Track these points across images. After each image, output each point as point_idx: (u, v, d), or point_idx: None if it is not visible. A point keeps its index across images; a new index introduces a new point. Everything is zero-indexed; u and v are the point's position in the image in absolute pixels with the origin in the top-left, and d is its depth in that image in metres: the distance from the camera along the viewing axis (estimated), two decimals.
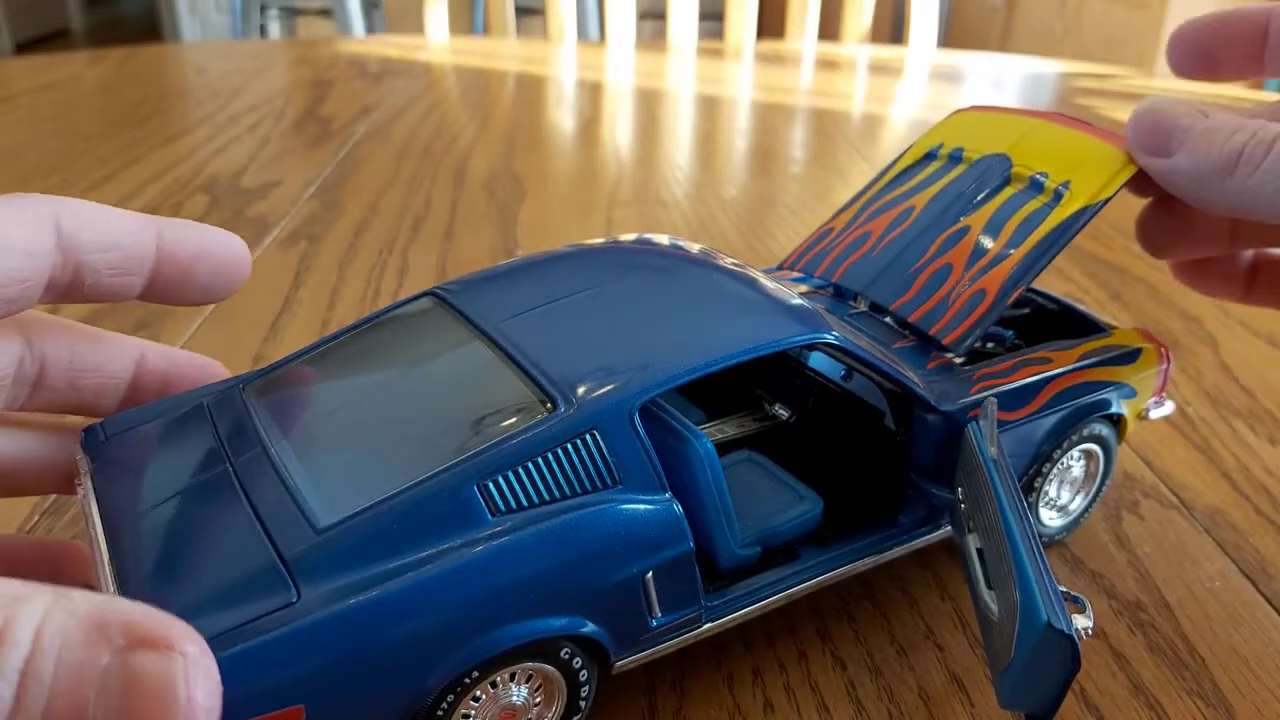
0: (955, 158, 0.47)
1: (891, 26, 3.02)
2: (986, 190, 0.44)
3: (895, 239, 0.45)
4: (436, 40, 1.71)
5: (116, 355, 0.38)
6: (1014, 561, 0.32)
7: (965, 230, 0.43)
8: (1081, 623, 0.30)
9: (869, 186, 0.50)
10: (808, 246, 0.49)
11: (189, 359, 0.40)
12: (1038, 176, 0.42)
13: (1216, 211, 0.35)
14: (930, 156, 0.48)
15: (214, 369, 0.40)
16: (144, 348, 0.39)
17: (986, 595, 0.35)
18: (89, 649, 0.22)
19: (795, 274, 0.49)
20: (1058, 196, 0.41)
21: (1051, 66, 1.61)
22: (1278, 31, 0.40)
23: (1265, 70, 0.41)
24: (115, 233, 0.34)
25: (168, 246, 0.35)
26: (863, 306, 0.45)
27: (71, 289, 0.34)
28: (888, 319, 0.44)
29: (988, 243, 0.42)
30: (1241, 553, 0.46)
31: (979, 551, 0.36)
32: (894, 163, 0.50)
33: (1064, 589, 0.31)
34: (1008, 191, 0.43)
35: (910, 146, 0.50)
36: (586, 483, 0.32)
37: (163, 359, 0.39)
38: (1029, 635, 0.30)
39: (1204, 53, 0.42)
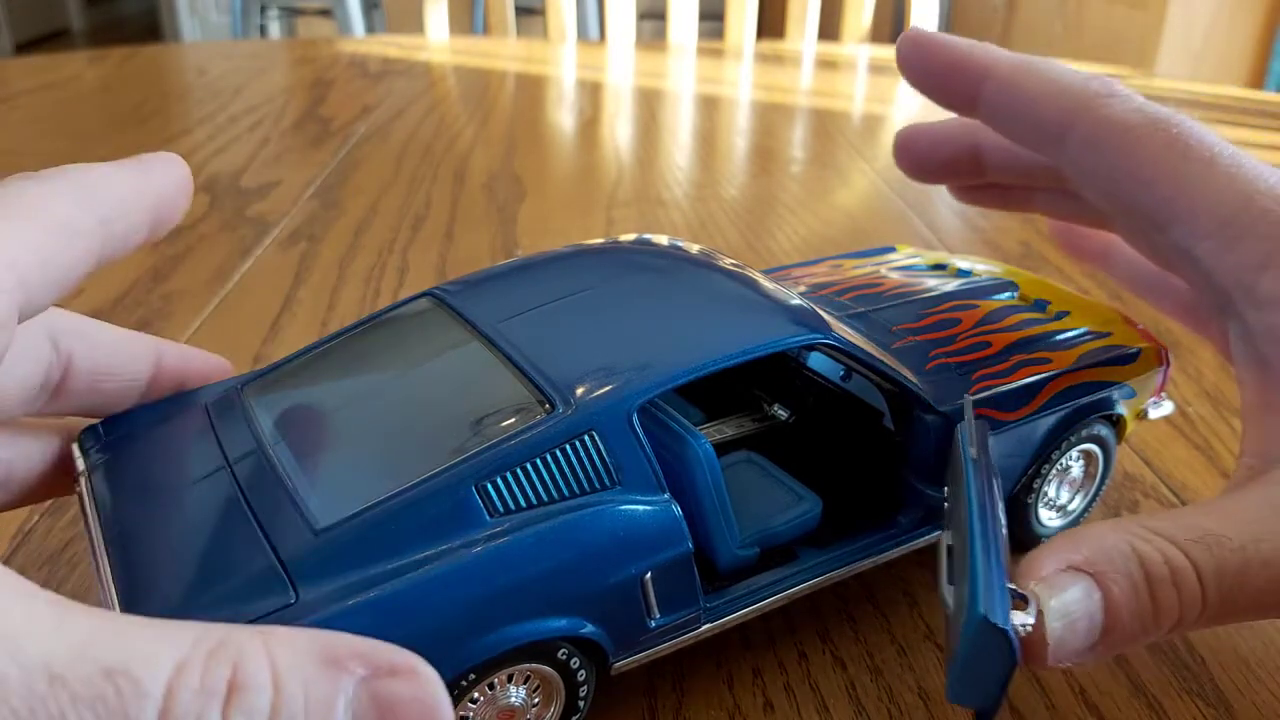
0: (964, 272, 0.51)
1: (891, 26, 3.02)
2: (991, 294, 0.48)
3: (872, 296, 0.47)
4: (436, 40, 1.71)
5: (136, 355, 0.38)
6: (968, 555, 0.31)
7: (969, 307, 0.47)
8: (1020, 619, 0.30)
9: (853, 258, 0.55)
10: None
11: (203, 358, 0.39)
12: (1040, 301, 0.48)
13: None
14: (940, 266, 0.52)
15: (225, 367, 0.40)
16: (160, 347, 0.38)
17: (946, 590, 0.35)
18: (330, 682, 0.21)
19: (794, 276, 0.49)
20: (1059, 317, 0.46)
21: None
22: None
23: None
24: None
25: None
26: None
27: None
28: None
29: (995, 318, 0.46)
30: None
31: (949, 548, 0.36)
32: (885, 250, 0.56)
33: (1012, 586, 0.31)
34: (1013, 302, 0.48)
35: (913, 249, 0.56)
36: (585, 484, 0.32)
37: (178, 358, 0.39)
38: (969, 628, 0.30)
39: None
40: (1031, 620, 0.30)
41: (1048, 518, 0.45)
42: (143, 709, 0.19)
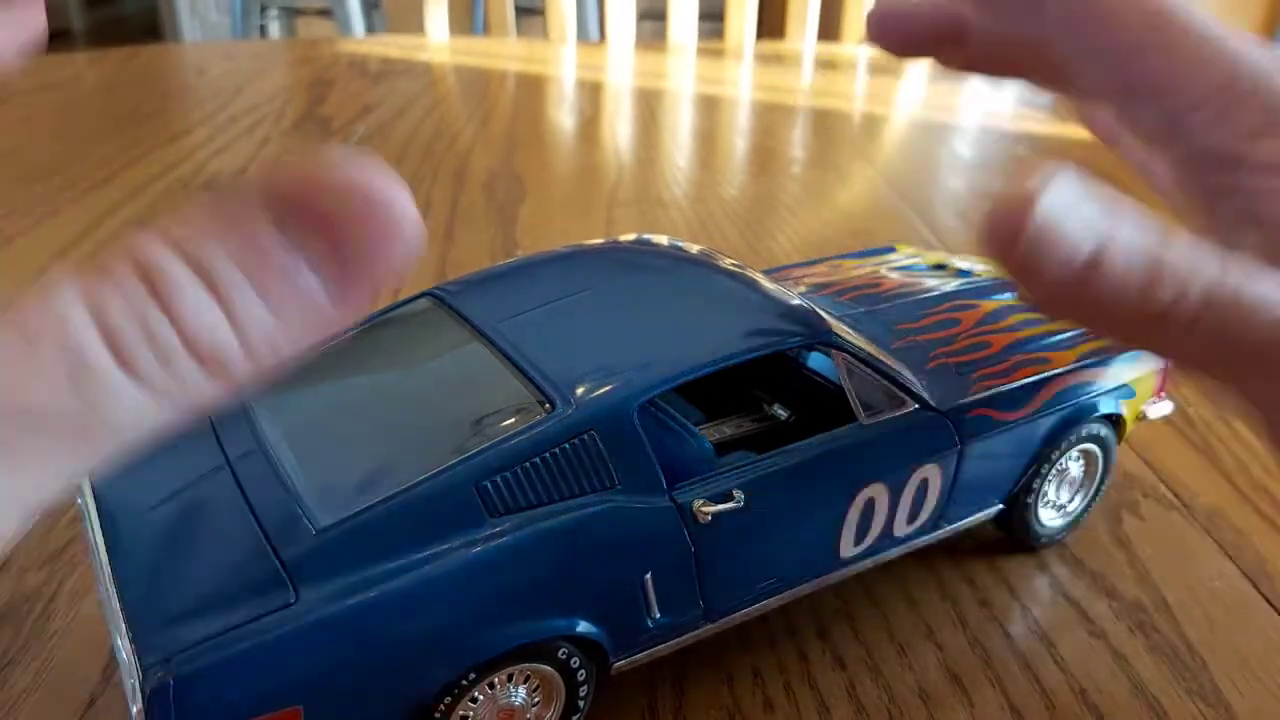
0: (964, 272, 0.51)
1: None
2: (991, 294, 0.48)
3: (871, 296, 0.47)
4: (437, 40, 1.71)
5: None
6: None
7: (969, 307, 0.46)
8: (699, 504, 0.33)
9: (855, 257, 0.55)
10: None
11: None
12: None
13: None
14: (940, 266, 0.52)
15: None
16: None
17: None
18: None
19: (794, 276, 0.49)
20: None
21: None
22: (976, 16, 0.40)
23: (972, 48, 0.40)
24: None
25: None
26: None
27: None
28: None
29: (996, 318, 0.46)
30: (1241, 553, 0.46)
31: None
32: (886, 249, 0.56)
33: (736, 488, 0.34)
34: (1013, 302, 0.47)
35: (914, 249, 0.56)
36: (585, 483, 0.32)
37: None
38: None
39: (909, 42, 0.41)
40: (714, 509, 0.34)
41: (1048, 517, 0.45)
42: None
